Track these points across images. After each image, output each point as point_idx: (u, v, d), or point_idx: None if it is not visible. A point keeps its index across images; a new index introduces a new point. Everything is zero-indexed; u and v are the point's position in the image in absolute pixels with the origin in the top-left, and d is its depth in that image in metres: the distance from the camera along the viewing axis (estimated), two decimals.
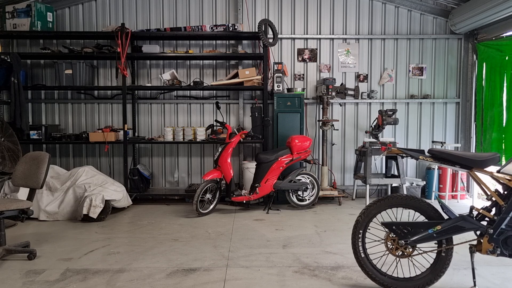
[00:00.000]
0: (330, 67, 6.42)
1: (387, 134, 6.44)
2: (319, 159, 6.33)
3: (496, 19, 5.44)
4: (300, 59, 6.42)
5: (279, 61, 6.27)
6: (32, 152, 3.83)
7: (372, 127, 5.87)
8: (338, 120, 6.28)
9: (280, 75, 5.87)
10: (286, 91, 5.98)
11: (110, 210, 5.06)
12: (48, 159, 3.65)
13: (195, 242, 4.09)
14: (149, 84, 6.33)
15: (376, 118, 5.77)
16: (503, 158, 5.62)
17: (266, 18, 6.29)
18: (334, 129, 6.16)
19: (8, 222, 4.50)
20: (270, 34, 5.94)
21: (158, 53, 5.99)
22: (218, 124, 5.67)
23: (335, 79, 5.86)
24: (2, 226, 3.54)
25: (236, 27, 5.95)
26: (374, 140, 5.76)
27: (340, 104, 6.39)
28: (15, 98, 5.49)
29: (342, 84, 6.33)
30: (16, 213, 3.50)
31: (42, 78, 6.36)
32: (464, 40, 6.41)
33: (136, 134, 6.39)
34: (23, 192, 4.65)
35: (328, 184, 6.13)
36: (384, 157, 6.17)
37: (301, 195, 5.59)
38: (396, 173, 5.74)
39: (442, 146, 5.80)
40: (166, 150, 6.46)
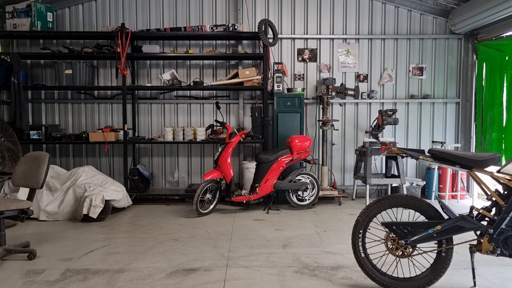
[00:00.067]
0: (330, 67, 6.42)
1: (387, 134, 6.44)
2: (319, 159, 6.33)
3: (496, 19, 5.44)
4: (300, 59, 6.42)
5: (279, 61, 6.27)
6: (32, 152, 3.83)
7: (372, 127, 5.87)
8: (338, 120, 6.28)
9: (280, 75, 5.87)
10: (286, 91, 5.99)
11: (110, 210, 5.06)
12: (48, 159, 3.65)
13: (195, 242, 4.09)
14: (149, 84, 6.33)
15: (376, 118, 5.77)
16: (503, 158, 5.63)
17: (266, 18, 6.29)
18: (334, 129, 6.16)
19: (8, 222, 4.50)
20: (270, 34, 5.94)
21: (158, 53, 5.99)
22: (218, 124, 5.67)
23: (335, 79, 5.86)
24: (2, 226, 3.54)
25: (236, 27, 5.95)
26: (374, 140, 5.76)
27: (340, 104, 6.40)
28: (15, 98, 5.49)
29: (342, 84, 6.33)
30: (16, 213, 3.51)
31: (42, 78, 6.36)
32: (464, 40, 6.41)
33: (136, 134, 6.39)
34: (23, 192, 4.65)
35: (328, 184, 6.13)
36: (384, 157, 6.17)
37: (301, 195, 5.59)
38: (396, 173, 5.74)
39: (442, 146, 5.80)
40: (166, 150, 6.46)
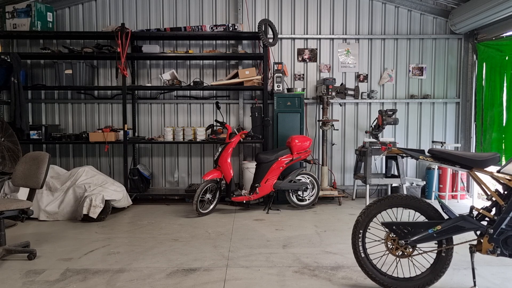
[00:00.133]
0: (330, 67, 6.42)
1: (387, 134, 6.44)
2: (319, 159, 6.33)
3: (496, 19, 5.44)
4: (300, 59, 6.42)
5: (279, 61, 6.27)
6: (32, 152, 3.83)
7: (372, 127, 5.87)
8: (338, 120, 6.28)
9: (280, 75, 5.87)
10: (286, 91, 5.98)
11: (110, 210, 5.06)
12: (48, 159, 3.65)
13: (195, 242, 4.09)
14: (149, 84, 6.33)
15: (376, 118, 5.77)
16: (503, 158, 5.63)
17: (266, 18, 6.29)
18: (334, 129, 6.16)
19: (8, 222, 4.50)
20: (270, 34, 5.94)
21: (158, 53, 5.99)
22: (218, 124, 5.66)
23: (335, 79, 5.86)
24: (2, 226, 3.54)
25: (236, 27, 5.95)
26: (374, 140, 5.76)
27: (340, 104, 6.40)
28: (15, 98, 5.49)
29: (342, 84, 6.33)
30: (16, 213, 3.51)
31: (42, 78, 6.36)
32: (464, 40, 6.41)
33: (136, 134, 6.39)
34: (23, 192, 4.65)
35: (328, 184, 6.13)
36: (384, 157, 6.17)
37: (301, 195, 5.59)
38: (396, 173, 5.74)
39: (442, 146, 5.80)
40: (166, 150, 6.46)
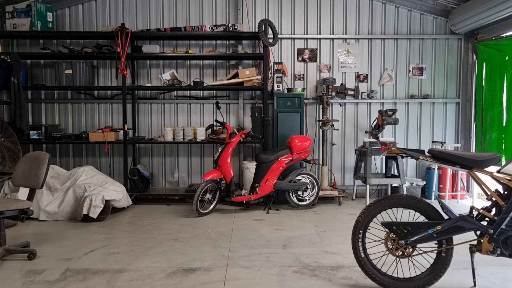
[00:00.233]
0: (330, 67, 6.42)
1: (387, 134, 6.44)
2: (319, 159, 6.33)
3: (496, 19, 5.44)
4: (300, 59, 6.42)
5: (279, 61, 6.27)
6: (32, 152, 3.83)
7: (372, 127, 5.87)
8: (338, 120, 6.28)
9: (280, 75, 5.87)
10: (286, 91, 5.98)
11: (110, 210, 5.06)
12: (48, 159, 3.65)
13: (195, 242, 4.09)
14: (149, 84, 6.33)
15: (376, 118, 5.77)
16: (503, 158, 5.63)
17: (266, 18, 6.29)
18: (334, 129, 6.16)
19: (8, 222, 4.50)
20: (270, 34, 5.94)
21: (158, 53, 5.99)
22: (218, 124, 5.66)
23: (335, 79, 5.86)
24: (2, 226, 3.54)
25: (236, 27, 5.95)
26: (374, 140, 5.76)
27: (340, 104, 6.40)
28: (15, 98, 5.49)
29: (342, 84, 6.33)
30: (16, 213, 3.51)
31: (42, 78, 6.36)
32: (464, 40, 6.41)
33: (136, 134, 6.39)
34: (23, 192, 4.65)
35: (328, 184, 6.13)
36: (384, 157, 6.17)
37: (301, 195, 5.59)
38: (396, 173, 5.74)
39: (442, 146, 5.79)
40: (166, 150, 6.46)
